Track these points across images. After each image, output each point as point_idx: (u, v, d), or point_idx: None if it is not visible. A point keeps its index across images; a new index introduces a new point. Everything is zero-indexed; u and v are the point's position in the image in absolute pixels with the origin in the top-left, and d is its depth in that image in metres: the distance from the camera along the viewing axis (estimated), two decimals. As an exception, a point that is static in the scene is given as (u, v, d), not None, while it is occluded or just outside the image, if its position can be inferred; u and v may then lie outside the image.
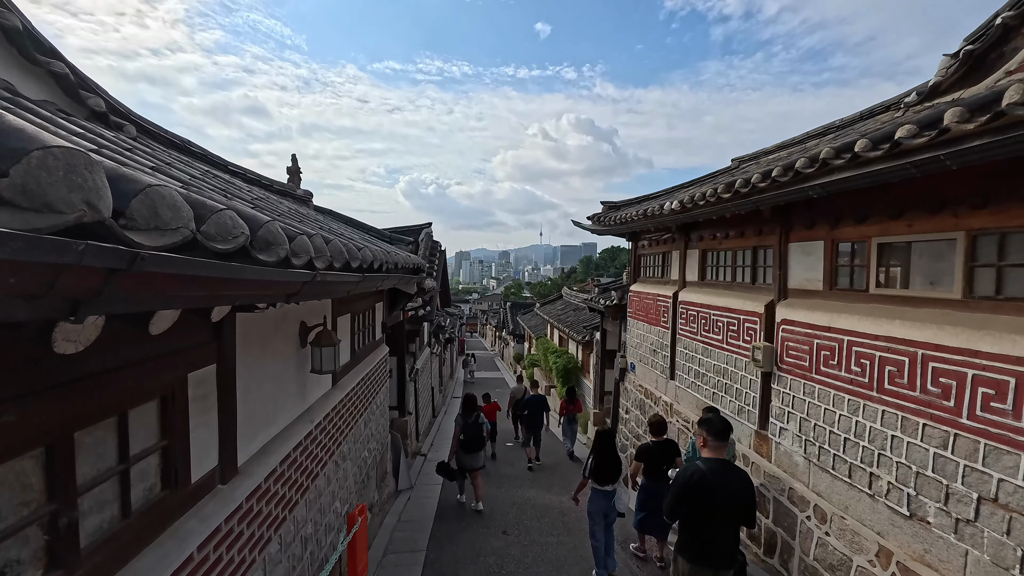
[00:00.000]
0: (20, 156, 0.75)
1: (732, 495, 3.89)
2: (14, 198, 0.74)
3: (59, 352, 1.22)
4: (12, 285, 0.66)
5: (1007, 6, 4.04)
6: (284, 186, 6.73)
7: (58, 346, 1.20)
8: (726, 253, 6.92)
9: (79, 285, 0.78)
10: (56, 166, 0.79)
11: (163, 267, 0.93)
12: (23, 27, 2.62)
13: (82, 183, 0.81)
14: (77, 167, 0.81)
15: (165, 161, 2.72)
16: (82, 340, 1.29)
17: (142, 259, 0.86)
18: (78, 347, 1.28)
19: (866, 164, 3.65)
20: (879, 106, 6.73)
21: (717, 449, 4.06)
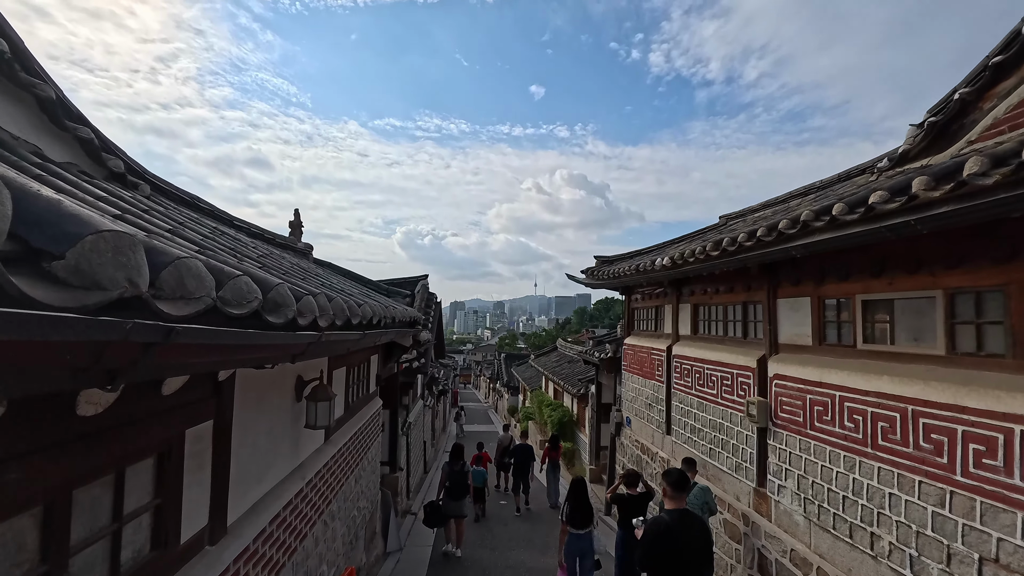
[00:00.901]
0: (76, 240, 0.85)
1: (693, 542, 4.15)
2: (68, 277, 0.84)
3: (80, 414, 1.27)
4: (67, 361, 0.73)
5: (964, 83, 4.42)
6: (286, 240, 6.90)
7: (81, 409, 1.25)
8: (717, 308, 7.06)
9: (121, 358, 0.86)
10: (106, 248, 0.88)
11: (193, 338, 1.01)
12: (56, 97, 2.83)
13: (126, 262, 0.91)
14: (123, 248, 0.91)
15: (178, 221, 2.86)
16: (102, 403, 1.34)
17: (176, 332, 0.94)
18: (98, 409, 1.33)
19: (844, 227, 3.86)
20: (855, 169, 7.13)
21: (677, 499, 4.30)
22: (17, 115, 2.68)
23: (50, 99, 2.76)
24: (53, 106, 2.81)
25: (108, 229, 0.90)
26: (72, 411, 1.26)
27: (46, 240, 0.83)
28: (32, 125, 2.78)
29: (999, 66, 4.09)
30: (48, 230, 0.84)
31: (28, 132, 2.72)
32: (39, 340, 0.70)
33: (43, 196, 0.91)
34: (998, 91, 4.22)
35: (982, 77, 4.21)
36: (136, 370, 0.95)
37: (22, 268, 0.79)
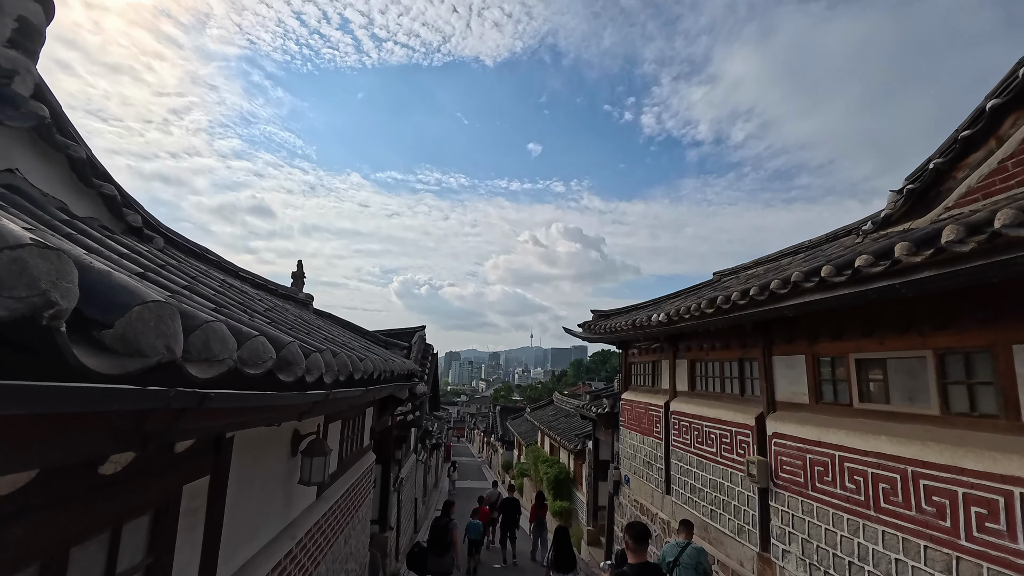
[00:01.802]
0: (125, 311, 0.94)
1: None
2: (114, 345, 0.91)
3: (102, 473, 1.29)
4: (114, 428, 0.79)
5: (937, 154, 4.72)
6: (287, 290, 7.01)
7: (103, 468, 1.28)
8: (714, 364, 7.09)
9: (159, 424, 0.92)
10: (150, 317, 0.97)
11: (222, 403, 1.07)
12: (86, 157, 3.00)
13: (166, 331, 0.99)
14: (164, 317, 1.00)
15: (192, 275, 2.96)
16: (123, 461, 1.37)
17: (208, 398, 1.00)
18: (117, 468, 1.36)
19: (832, 288, 3.99)
20: (842, 230, 7.41)
21: (638, 553, 4.34)
22: (49, 173, 2.84)
23: (81, 159, 2.94)
24: (83, 165, 2.98)
25: (153, 300, 0.99)
26: (94, 470, 1.29)
27: (98, 310, 0.92)
28: (61, 182, 2.93)
29: (968, 140, 4.40)
30: (100, 301, 0.93)
31: (57, 189, 2.87)
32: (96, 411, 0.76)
33: (96, 268, 1.01)
34: (969, 162, 4.51)
35: (953, 149, 4.51)
36: (169, 434, 1.00)
37: (75, 337, 0.87)
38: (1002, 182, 4.15)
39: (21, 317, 0.67)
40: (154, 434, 0.97)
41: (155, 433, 0.97)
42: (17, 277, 0.68)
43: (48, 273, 0.72)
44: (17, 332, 0.69)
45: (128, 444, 0.94)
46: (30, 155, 2.73)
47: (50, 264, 0.73)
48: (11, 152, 2.61)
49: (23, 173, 2.66)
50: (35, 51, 2.82)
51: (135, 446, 0.96)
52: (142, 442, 0.96)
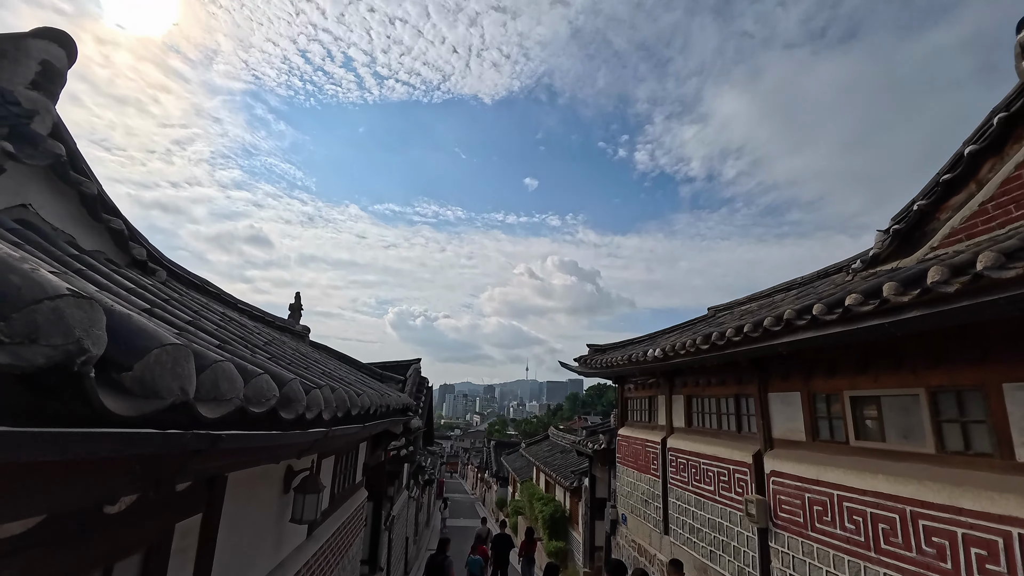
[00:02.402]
0: (144, 354, 0.98)
1: None
2: (132, 387, 0.95)
3: (107, 513, 1.30)
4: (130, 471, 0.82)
5: (920, 196, 4.89)
6: (284, 322, 7.01)
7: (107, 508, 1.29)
8: (710, 400, 7.08)
9: (173, 465, 0.94)
10: (167, 360, 1.01)
11: (232, 444, 1.10)
12: (97, 192, 3.09)
13: (181, 372, 1.03)
14: (180, 360, 1.04)
15: (194, 309, 3.00)
16: (127, 500, 1.37)
17: (221, 439, 1.03)
18: (121, 507, 1.36)
19: (824, 326, 4.06)
20: (833, 267, 7.55)
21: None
22: (60, 208, 2.92)
23: (92, 195, 3.02)
24: (93, 201, 3.06)
25: (170, 343, 1.04)
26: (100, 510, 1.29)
27: (119, 353, 0.96)
28: (71, 216, 3.00)
29: (949, 183, 4.57)
30: (121, 344, 0.97)
31: (67, 223, 2.93)
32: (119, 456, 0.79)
33: (117, 311, 1.05)
34: (951, 204, 4.67)
35: (935, 192, 4.68)
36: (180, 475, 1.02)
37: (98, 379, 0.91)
38: (983, 224, 4.29)
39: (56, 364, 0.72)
40: (167, 475, 1.00)
41: (168, 474, 0.99)
42: (54, 326, 0.73)
43: (82, 321, 0.77)
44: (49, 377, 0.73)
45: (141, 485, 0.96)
46: (44, 190, 2.80)
47: (84, 313, 0.78)
48: (26, 188, 2.69)
49: (36, 208, 2.74)
50: (55, 92, 2.95)
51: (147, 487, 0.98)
52: (155, 483, 0.99)
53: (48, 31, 2.91)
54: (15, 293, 0.71)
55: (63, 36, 2.96)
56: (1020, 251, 2.94)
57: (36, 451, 0.65)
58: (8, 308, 0.69)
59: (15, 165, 2.61)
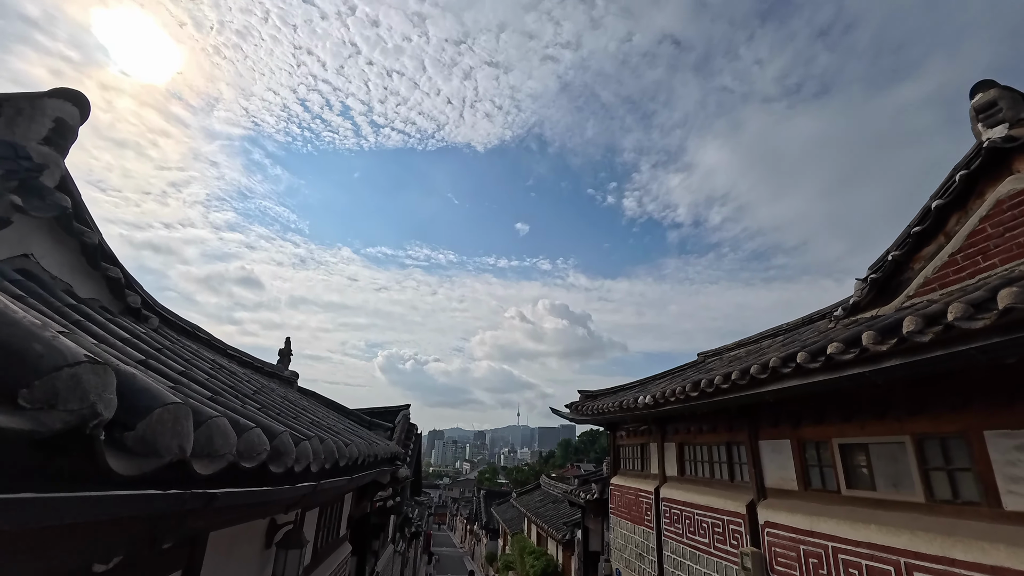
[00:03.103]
0: (147, 413, 1.03)
1: None
2: (134, 446, 0.99)
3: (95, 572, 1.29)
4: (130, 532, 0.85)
5: (894, 246, 5.11)
6: (273, 368, 6.95)
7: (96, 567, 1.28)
8: (702, 448, 7.02)
9: (168, 524, 0.97)
10: (168, 419, 1.05)
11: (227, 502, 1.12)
12: (98, 242, 3.16)
13: (180, 430, 1.07)
14: (180, 418, 1.08)
15: (186, 358, 3.01)
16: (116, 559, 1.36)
17: (216, 498, 1.06)
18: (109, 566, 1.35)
19: (808, 374, 4.14)
20: (816, 314, 7.72)
21: None
22: (60, 257, 2.98)
23: (93, 245, 3.09)
24: (94, 251, 3.13)
25: (171, 402, 1.08)
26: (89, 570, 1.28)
27: (123, 413, 1.00)
28: (70, 265, 3.07)
29: (919, 235, 4.80)
30: (126, 404, 1.02)
31: (66, 271, 2.99)
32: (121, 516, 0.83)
33: (123, 371, 1.10)
34: (923, 255, 4.88)
35: (907, 243, 4.90)
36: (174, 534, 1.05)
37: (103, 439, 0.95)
38: (955, 274, 4.48)
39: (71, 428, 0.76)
40: (162, 534, 1.02)
41: (163, 533, 1.02)
42: (72, 392, 0.78)
43: (96, 387, 0.82)
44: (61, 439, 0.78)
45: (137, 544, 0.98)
46: (46, 240, 2.88)
47: (99, 378, 0.84)
48: (29, 238, 2.76)
49: (37, 257, 2.80)
50: (66, 147, 3.08)
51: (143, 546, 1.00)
52: (150, 542, 1.00)
53: (64, 91, 3.08)
54: (38, 361, 0.77)
55: (78, 96, 3.12)
56: (988, 302, 3.07)
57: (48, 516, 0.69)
58: (31, 376, 0.75)
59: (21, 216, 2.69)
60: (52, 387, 0.76)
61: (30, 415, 0.72)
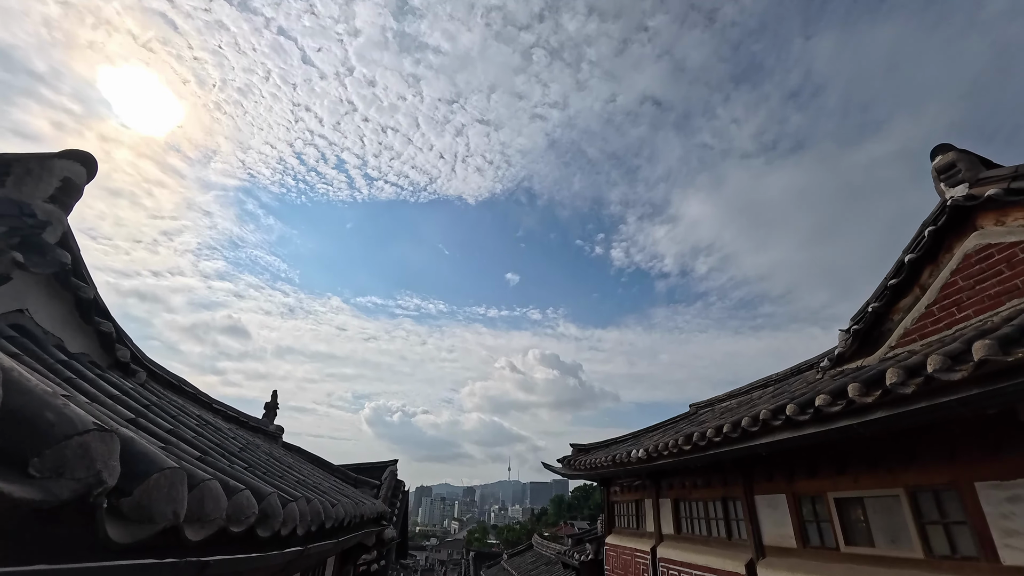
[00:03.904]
0: (144, 478, 1.04)
1: None
2: (129, 513, 1.00)
3: None
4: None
5: (873, 298, 5.27)
6: (258, 423, 6.78)
7: None
8: (698, 504, 6.86)
9: None
10: (164, 484, 1.07)
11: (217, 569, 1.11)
12: (93, 297, 3.18)
13: (175, 496, 1.08)
14: (176, 484, 1.09)
15: (173, 414, 2.97)
16: None
17: (208, 565, 1.05)
18: None
19: (798, 427, 4.16)
20: (805, 364, 7.81)
21: None
22: (54, 311, 2.99)
23: (88, 300, 3.12)
24: (88, 305, 3.15)
25: (168, 467, 1.10)
26: None
27: (121, 479, 1.02)
28: (64, 319, 3.07)
29: (896, 287, 4.98)
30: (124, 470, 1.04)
31: (59, 325, 2.99)
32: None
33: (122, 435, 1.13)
34: (901, 306, 5.05)
35: (885, 295, 5.07)
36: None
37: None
38: (932, 325, 4.62)
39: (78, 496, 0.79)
40: (152, 605, 1.01)
41: (153, 604, 1.00)
42: (80, 460, 0.81)
43: (103, 454, 0.85)
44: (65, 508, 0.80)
45: (126, 616, 0.97)
46: (42, 295, 2.90)
47: (105, 446, 0.86)
48: (26, 293, 2.78)
49: (32, 312, 2.81)
50: (71, 205, 3.16)
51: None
52: (139, 614, 0.99)
53: (73, 152, 3.20)
54: (49, 430, 0.80)
55: (86, 157, 3.24)
56: (964, 354, 3.16)
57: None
58: (42, 444, 0.78)
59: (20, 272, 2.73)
60: (62, 456, 0.79)
61: (39, 484, 0.74)
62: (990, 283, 4.16)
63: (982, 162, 4.59)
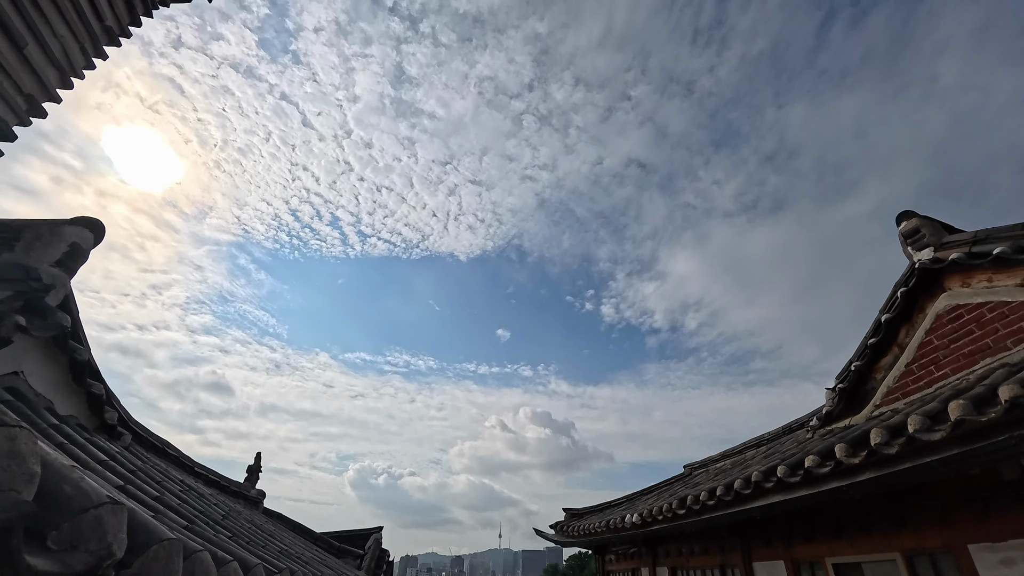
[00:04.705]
0: (143, 550, 1.08)
1: None
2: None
3: None
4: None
5: (855, 357, 5.40)
6: (239, 487, 6.55)
7: None
8: (696, 572, 6.60)
9: None
10: (162, 556, 1.10)
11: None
12: (87, 360, 3.21)
13: (172, 568, 1.11)
14: (172, 556, 1.13)
15: (158, 480, 2.93)
16: None
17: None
18: None
19: (790, 489, 4.14)
20: (796, 422, 7.81)
21: None
22: (48, 372, 3.01)
23: (82, 362, 3.14)
24: (82, 368, 3.17)
25: (167, 538, 1.14)
26: None
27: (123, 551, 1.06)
28: (56, 382, 3.08)
29: (875, 346, 5.12)
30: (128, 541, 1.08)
31: (51, 387, 3.00)
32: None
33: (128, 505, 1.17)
34: (882, 365, 5.17)
35: (866, 354, 5.20)
36: None
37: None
38: (913, 383, 4.73)
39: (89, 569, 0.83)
40: None
41: None
42: (94, 532, 0.86)
43: (114, 527, 0.90)
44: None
45: None
46: (39, 356, 2.93)
47: (116, 519, 0.92)
48: (23, 355, 2.82)
49: (27, 374, 2.83)
50: (76, 268, 3.26)
51: None
52: None
53: (84, 220, 3.34)
54: (67, 503, 0.86)
55: (95, 223, 3.38)
56: (941, 413, 3.24)
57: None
58: (61, 517, 0.83)
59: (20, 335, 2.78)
60: (78, 528, 0.84)
61: (57, 556, 0.79)
62: (963, 342, 4.32)
63: (944, 227, 4.88)
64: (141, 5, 2.75)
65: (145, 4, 2.77)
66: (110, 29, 2.67)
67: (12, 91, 2.26)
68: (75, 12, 2.44)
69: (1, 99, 2.22)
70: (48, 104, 2.73)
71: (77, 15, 2.46)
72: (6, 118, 2.27)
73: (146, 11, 2.84)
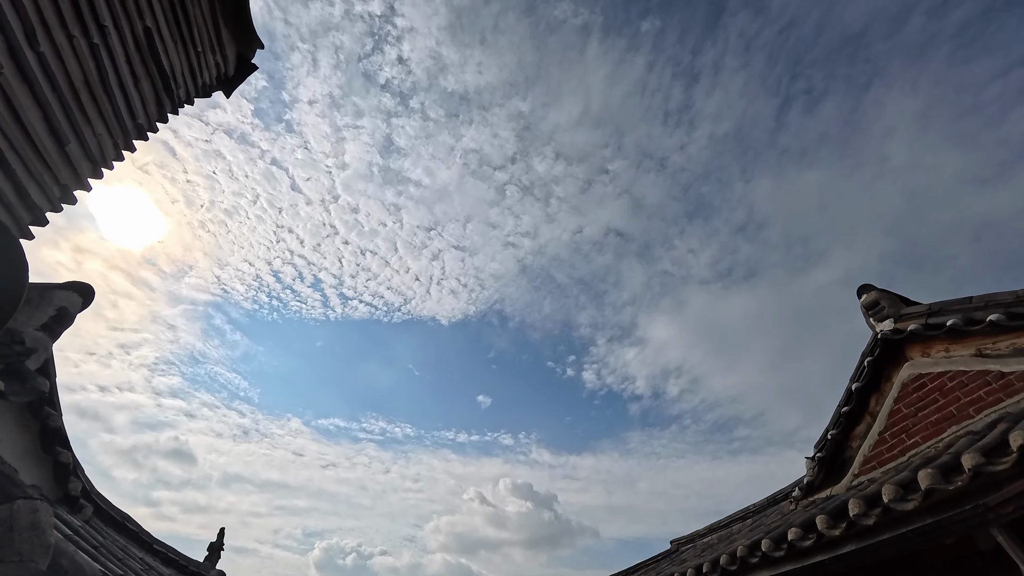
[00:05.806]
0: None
1: None
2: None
3: None
4: None
5: (831, 426, 5.50)
6: (198, 566, 6.08)
7: None
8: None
9: None
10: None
11: None
12: (59, 426, 3.14)
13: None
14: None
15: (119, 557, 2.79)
16: None
17: None
18: None
19: (775, 564, 4.07)
20: (780, 493, 7.73)
21: None
22: (18, 439, 2.94)
23: (54, 428, 3.08)
24: (52, 435, 3.10)
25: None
26: None
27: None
28: (25, 449, 3.00)
29: (848, 415, 5.25)
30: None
31: (19, 454, 2.91)
32: None
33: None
34: (857, 433, 5.28)
35: (840, 423, 5.32)
36: None
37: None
38: (888, 451, 4.83)
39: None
40: None
41: None
42: (94, 592, 0.89)
43: (113, 587, 0.93)
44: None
45: None
46: (13, 422, 2.88)
47: (116, 578, 0.95)
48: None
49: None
50: (60, 332, 3.28)
51: None
52: None
53: (74, 284, 3.40)
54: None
55: (85, 288, 3.44)
56: (912, 483, 3.33)
57: None
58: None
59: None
60: (79, 591, 0.87)
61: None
62: (929, 410, 4.49)
63: (901, 300, 5.21)
64: (169, 103, 3.02)
65: (173, 102, 3.04)
66: (141, 126, 2.92)
67: (51, 182, 2.44)
68: (113, 112, 2.68)
69: (40, 190, 2.38)
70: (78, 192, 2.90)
71: (114, 115, 2.70)
72: (42, 206, 2.42)
73: (173, 109, 3.11)
